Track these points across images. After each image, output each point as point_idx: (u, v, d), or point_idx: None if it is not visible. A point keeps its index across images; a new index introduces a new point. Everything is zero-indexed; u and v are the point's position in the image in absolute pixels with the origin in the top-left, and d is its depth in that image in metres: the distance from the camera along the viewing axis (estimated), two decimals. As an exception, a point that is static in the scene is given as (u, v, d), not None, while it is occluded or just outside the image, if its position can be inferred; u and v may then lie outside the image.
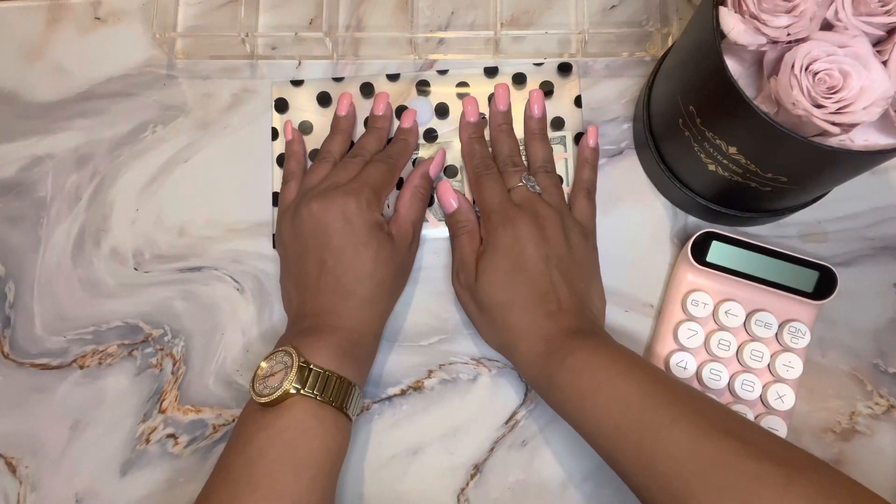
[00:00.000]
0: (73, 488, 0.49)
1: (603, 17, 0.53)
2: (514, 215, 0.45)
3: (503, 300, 0.44)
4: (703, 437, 0.36)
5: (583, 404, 0.40)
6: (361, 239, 0.45)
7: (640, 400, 0.38)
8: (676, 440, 0.36)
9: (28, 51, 0.55)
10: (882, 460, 0.47)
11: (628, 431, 0.38)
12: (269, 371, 0.41)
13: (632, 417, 0.38)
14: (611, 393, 0.39)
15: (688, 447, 0.36)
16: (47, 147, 0.53)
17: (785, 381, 0.46)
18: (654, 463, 0.37)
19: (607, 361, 0.41)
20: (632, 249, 0.50)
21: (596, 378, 0.40)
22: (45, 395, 0.50)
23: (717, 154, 0.41)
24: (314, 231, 0.45)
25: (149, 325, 0.51)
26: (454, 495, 0.47)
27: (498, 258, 0.45)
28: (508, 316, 0.44)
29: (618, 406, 0.39)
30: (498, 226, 0.45)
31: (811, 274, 0.46)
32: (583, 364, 0.41)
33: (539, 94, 0.51)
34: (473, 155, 0.50)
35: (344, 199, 0.45)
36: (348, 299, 0.44)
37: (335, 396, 0.41)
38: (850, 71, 0.34)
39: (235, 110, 0.53)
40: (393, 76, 0.53)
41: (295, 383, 0.40)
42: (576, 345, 0.42)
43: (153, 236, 0.52)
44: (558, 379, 0.41)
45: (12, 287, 0.52)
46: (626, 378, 0.39)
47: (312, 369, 0.40)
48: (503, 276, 0.44)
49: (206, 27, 0.55)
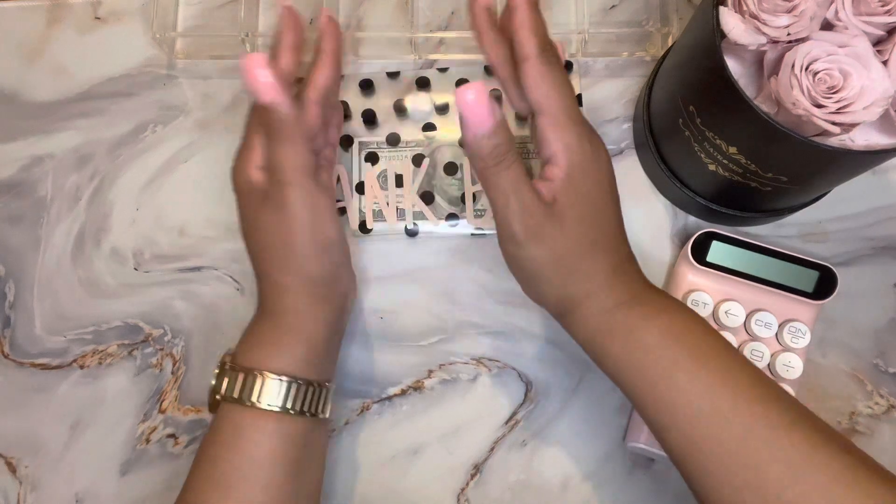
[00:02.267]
0: (73, 488, 0.49)
1: (603, 17, 0.53)
2: (590, 129, 0.36)
3: (591, 241, 0.35)
4: (824, 450, 0.32)
5: (673, 376, 0.33)
6: (239, 207, 0.40)
7: (750, 390, 0.33)
8: (797, 445, 0.32)
9: (28, 51, 0.55)
10: (882, 460, 0.47)
11: (734, 423, 0.32)
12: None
13: (743, 409, 0.32)
14: (716, 374, 0.33)
15: (811, 456, 0.32)
16: (47, 147, 0.53)
17: (785, 380, 0.46)
18: (764, 465, 0.32)
19: (704, 333, 0.35)
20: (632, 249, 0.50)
21: (695, 350, 0.34)
22: (45, 395, 0.50)
23: (717, 154, 0.41)
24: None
25: (149, 325, 0.51)
26: (454, 495, 0.47)
27: (588, 186, 0.35)
28: (592, 259, 0.36)
29: (725, 391, 0.33)
30: (584, 139, 0.35)
31: (811, 274, 0.46)
32: (678, 328, 0.34)
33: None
34: (534, 29, 0.35)
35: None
36: (258, 279, 0.41)
37: (242, 392, 0.36)
38: (850, 71, 0.34)
39: (235, 110, 0.53)
40: (393, 74, 0.53)
41: (219, 387, 0.38)
42: (666, 303, 0.36)
43: (153, 236, 0.52)
44: (646, 335, 0.34)
45: (12, 287, 0.52)
46: (731, 362, 0.34)
47: (225, 368, 0.38)
48: (594, 210, 0.35)
49: (206, 27, 0.55)
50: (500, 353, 0.49)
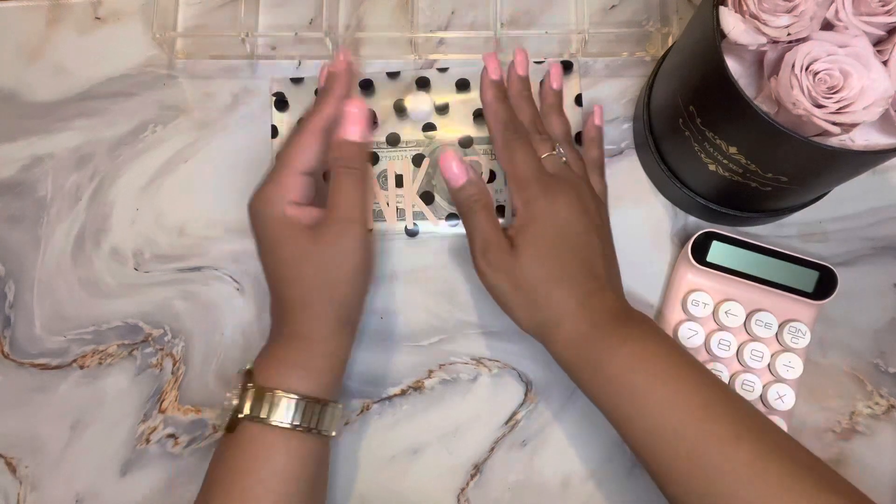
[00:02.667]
0: (73, 488, 0.49)
1: (603, 17, 0.53)
2: (553, 185, 0.42)
3: (547, 275, 0.40)
4: (768, 459, 0.34)
5: (634, 399, 0.37)
6: (270, 240, 0.41)
7: (703, 407, 0.36)
8: (742, 458, 0.34)
9: (28, 51, 0.55)
10: (882, 460, 0.47)
11: (685, 438, 0.36)
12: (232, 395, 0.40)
13: (692, 424, 0.36)
14: (670, 393, 0.37)
15: (755, 466, 0.34)
16: (47, 147, 0.53)
17: (785, 381, 0.46)
18: (713, 476, 0.35)
19: (665, 356, 0.38)
20: (632, 249, 0.50)
21: (654, 373, 0.37)
22: (45, 395, 0.50)
23: (717, 154, 0.41)
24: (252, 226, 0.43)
25: (149, 325, 0.51)
26: (454, 495, 0.47)
27: (541, 230, 0.41)
28: (553, 291, 0.40)
29: (677, 409, 0.36)
30: (538, 196, 0.41)
31: (811, 274, 0.46)
32: (640, 355, 0.38)
33: (558, 67, 0.49)
34: (500, 117, 0.44)
35: (251, 200, 0.42)
36: (282, 305, 0.42)
37: (281, 415, 0.38)
38: (850, 71, 0.34)
39: (235, 110, 0.53)
40: (393, 74, 0.53)
41: (243, 407, 0.38)
42: (630, 332, 0.39)
43: (153, 236, 0.52)
44: (608, 367, 0.38)
45: (12, 287, 0.52)
46: (687, 380, 0.37)
47: (253, 388, 0.39)
48: (547, 250, 0.41)
49: (206, 27, 0.55)
50: (500, 353, 0.49)
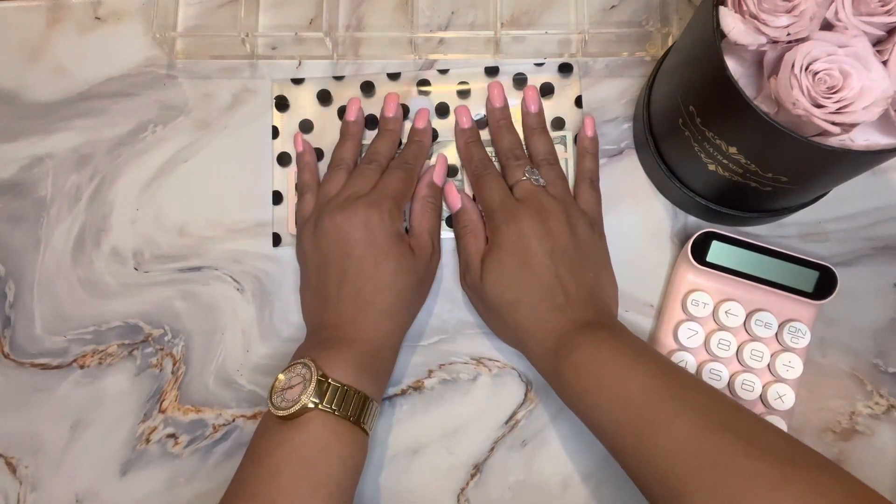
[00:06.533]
0: (73, 488, 0.49)
1: (603, 17, 0.53)
2: (516, 211, 0.45)
3: (510, 298, 0.44)
4: (701, 433, 0.36)
5: (585, 400, 0.40)
6: (382, 250, 0.44)
7: (642, 395, 0.38)
8: (675, 436, 0.36)
9: (28, 51, 0.55)
10: (882, 460, 0.47)
11: (628, 427, 0.38)
12: (286, 383, 0.41)
13: (631, 413, 0.38)
14: (612, 388, 0.39)
15: (685, 443, 0.36)
16: (47, 147, 0.53)
17: (785, 381, 0.46)
18: (652, 458, 0.37)
19: (610, 355, 0.40)
20: (632, 249, 0.50)
21: (597, 374, 0.40)
22: (45, 395, 0.50)
23: (717, 154, 0.41)
24: (336, 242, 0.45)
25: (149, 325, 0.51)
26: (454, 495, 0.47)
27: (502, 256, 0.45)
28: (516, 313, 0.44)
29: (618, 402, 0.39)
30: (501, 224, 0.45)
31: (811, 274, 0.46)
32: (585, 359, 0.41)
33: (534, 90, 0.51)
34: (472, 158, 0.50)
35: (366, 210, 0.45)
36: (367, 310, 0.44)
37: (353, 411, 0.40)
38: (850, 71, 0.34)
39: (235, 110, 0.53)
40: (393, 75, 0.53)
41: (313, 397, 0.39)
42: (581, 339, 0.41)
43: (153, 236, 0.52)
44: (564, 374, 0.41)
45: (12, 287, 0.52)
46: (629, 372, 0.39)
47: (331, 383, 0.40)
48: (508, 275, 0.44)
49: (206, 27, 0.55)
50: (500, 353, 0.49)
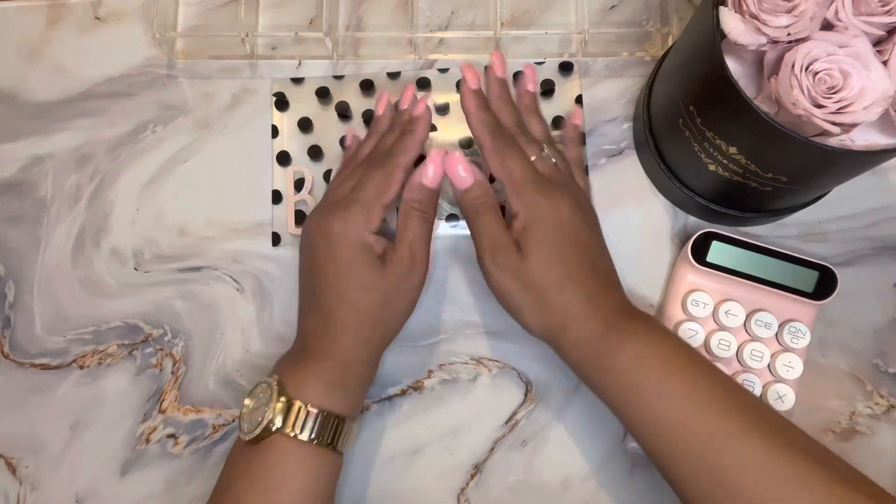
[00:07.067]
0: (73, 488, 0.49)
1: (603, 17, 0.53)
2: (550, 186, 0.42)
3: (556, 276, 0.40)
4: (780, 453, 0.34)
5: (641, 395, 0.37)
6: (343, 262, 0.41)
7: (710, 401, 0.36)
8: (752, 452, 0.34)
9: (28, 51, 0.55)
10: (882, 460, 0.47)
11: (693, 432, 0.36)
12: (253, 405, 0.40)
13: (700, 418, 0.36)
14: (677, 387, 0.37)
15: (766, 461, 0.34)
16: (47, 147, 0.53)
17: (785, 381, 0.46)
18: (723, 470, 0.35)
19: (672, 351, 0.38)
20: (632, 249, 0.50)
21: (661, 368, 0.37)
22: (45, 395, 0.50)
23: (717, 154, 0.41)
24: (307, 248, 0.43)
25: (149, 325, 0.51)
26: (454, 495, 0.47)
27: (546, 232, 0.40)
28: (562, 293, 0.40)
29: (685, 403, 0.36)
30: (538, 196, 0.41)
31: (811, 274, 0.46)
32: (647, 350, 0.38)
33: (531, 68, 0.49)
34: (486, 125, 0.44)
35: (329, 216, 0.42)
36: (330, 324, 0.42)
37: (319, 434, 0.39)
38: (850, 71, 0.34)
39: (235, 110, 0.53)
40: (393, 74, 0.53)
41: (276, 420, 0.38)
42: (638, 327, 0.39)
43: (153, 236, 0.52)
44: (616, 362, 0.38)
45: (12, 287, 0.52)
46: (695, 375, 0.37)
47: (293, 404, 0.39)
48: (555, 252, 0.40)
49: (206, 27, 0.55)
50: (500, 353, 0.49)
